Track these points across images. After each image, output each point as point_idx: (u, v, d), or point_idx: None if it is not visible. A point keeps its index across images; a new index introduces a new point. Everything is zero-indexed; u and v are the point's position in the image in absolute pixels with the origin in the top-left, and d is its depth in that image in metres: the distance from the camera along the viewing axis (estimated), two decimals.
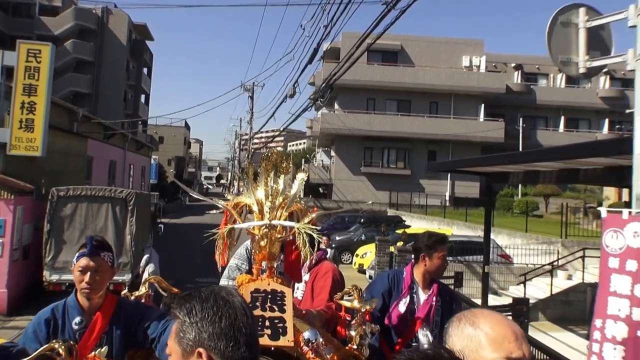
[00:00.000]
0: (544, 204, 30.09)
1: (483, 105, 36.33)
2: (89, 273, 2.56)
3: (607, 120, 39.10)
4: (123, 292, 2.98)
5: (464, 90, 35.50)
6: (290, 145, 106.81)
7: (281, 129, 32.20)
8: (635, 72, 3.58)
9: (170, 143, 62.34)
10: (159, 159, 49.32)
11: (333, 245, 17.07)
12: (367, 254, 17.61)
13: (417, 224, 24.20)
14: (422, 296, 3.62)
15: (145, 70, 55.52)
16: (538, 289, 13.37)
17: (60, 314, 2.60)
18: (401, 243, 14.16)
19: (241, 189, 2.97)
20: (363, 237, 20.32)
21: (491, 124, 35.31)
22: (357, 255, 18.59)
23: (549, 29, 4.11)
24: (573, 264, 14.50)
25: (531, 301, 11.79)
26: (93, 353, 2.29)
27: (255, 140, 43.58)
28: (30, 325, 2.57)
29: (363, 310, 2.71)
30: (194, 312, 1.34)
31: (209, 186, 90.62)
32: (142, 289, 3.04)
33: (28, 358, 1.99)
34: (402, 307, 3.56)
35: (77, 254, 2.65)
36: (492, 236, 18.00)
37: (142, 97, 55.35)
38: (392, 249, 13.38)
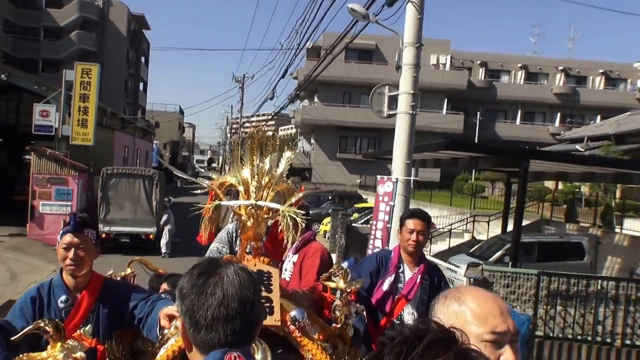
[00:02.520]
0: (491, 187, 35.22)
1: (447, 99, 40.83)
2: (73, 249, 2.59)
3: (559, 114, 43.90)
4: (109, 273, 2.99)
5: (430, 86, 39.62)
6: (281, 130, 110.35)
7: (270, 115, 36.70)
8: (397, 120, 8.40)
9: (165, 128, 64.53)
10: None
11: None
12: (330, 222, 22.67)
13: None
14: (409, 274, 3.70)
15: (142, 59, 59.06)
16: (445, 244, 18.41)
17: (46, 293, 2.64)
18: (355, 215, 19.37)
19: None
20: (330, 211, 25.18)
21: (452, 117, 40.09)
22: (323, 224, 23.69)
23: (371, 95, 8.91)
24: (477, 228, 19.72)
25: (435, 252, 16.65)
26: (79, 331, 2.27)
27: (247, 124, 47.90)
28: (17, 303, 2.63)
29: (348, 290, 2.76)
30: (179, 287, 1.40)
31: (201, 169, 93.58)
32: (128, 269, 3.07)
33: (16, 336, 2.08)
34: (386, 285, 3.63)
35: (61, 231, 2.68)
36: (424, 208, 23.21)
37: (141, 85, 58.92)
38: (340, 215, 18.43)
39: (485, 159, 11.33)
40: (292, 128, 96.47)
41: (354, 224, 18.91)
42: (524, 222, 19.41)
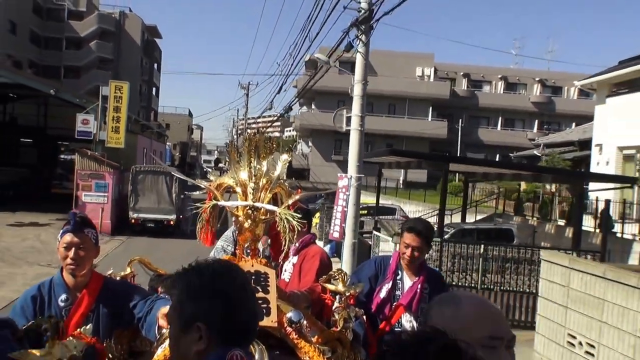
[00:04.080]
0: (471, 187, 38.96)
1: (431, 107, 44.70)
2: (73, 249, 2.62)
3: (536, 121, 47.68)
4: (109, 272, 3.03)
5: (416, 96, 43.72)
6: (286, 131, 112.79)
7: (275, 117, 40.27)
8: (350, 134, 12.19)
9: (175, 129, 69.62)
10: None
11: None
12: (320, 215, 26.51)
13: (366, 198, 33.31)
14: (408, 282, 3.69)
15: (155, 65, 63.19)
16: None
17: (47, 291, 2.67)
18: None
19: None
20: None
21: (437, 124, 43.88)
22: (315, 217, 27.56)
23: (334, 115, 12.74)
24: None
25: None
26: (79, 330, 2.36)
27: (254, 125, 51.55)
28: (18, 302, 2.67)
29: (347, 294, 2.80)
30: (192, 287, 1.38)
31: (208, 169, 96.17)
32: (128, 269, 3.09)
33: (17, 332, 2.12)
34: (383, 292, 3.66)
35: (61, 231, 2.70)
36: (401, 204, 27.01)
37: (153, 89, 63.15)
38: (326, 208, 22.23)
39: (426, 162, 15.17)
40: (292, 130, 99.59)
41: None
42: (482, 215, 23.32)
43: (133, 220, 19.99)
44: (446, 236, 17.37)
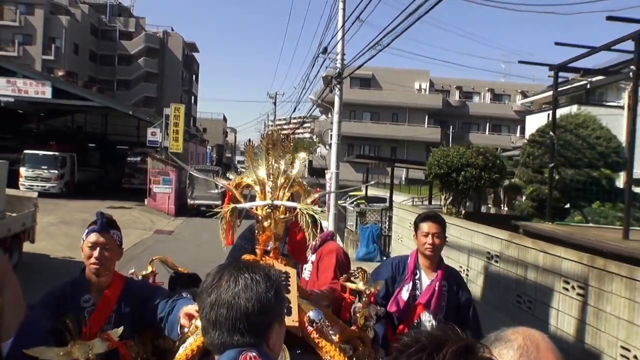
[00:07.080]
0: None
1: (427, 116, 51.76)
2: (98, 249, 2.69)
3: (519, 127, 53.70)
4: (130, 272, 3.17)
5: (414, 106, 50.84)
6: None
7: (302, 119, 47.42)
8: (331, 146, 20.07)
9: (211, 133, 77.12)
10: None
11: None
12: None
13: (371, 192, 41.00)
14: (426, 281, 3.71)
15: (194, 77, 71.33)
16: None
17: (70, 291, 2.74)
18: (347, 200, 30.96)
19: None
20: None
21: (432, 130, 50.94)
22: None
23: (323, 133, 20.79)
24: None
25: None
26: (108, 332, 2.44)
27: (285, 126, 58.42)
28: (40, 300, 2.70)
29: (367, 292, 2.82)
30: (201, 286, 1.48)
31: (242, 169, 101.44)
32: (149, 268, 3.26)
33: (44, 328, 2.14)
34: (404, 293, 3.65)
35: (86, 230, 2.77)
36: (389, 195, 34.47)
37: (192, 98, 70.97)
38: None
39: (385, 163, 23.01)
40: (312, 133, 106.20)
41: (343, 205, 30.11)
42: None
43: (189, 206, 28.13)
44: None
